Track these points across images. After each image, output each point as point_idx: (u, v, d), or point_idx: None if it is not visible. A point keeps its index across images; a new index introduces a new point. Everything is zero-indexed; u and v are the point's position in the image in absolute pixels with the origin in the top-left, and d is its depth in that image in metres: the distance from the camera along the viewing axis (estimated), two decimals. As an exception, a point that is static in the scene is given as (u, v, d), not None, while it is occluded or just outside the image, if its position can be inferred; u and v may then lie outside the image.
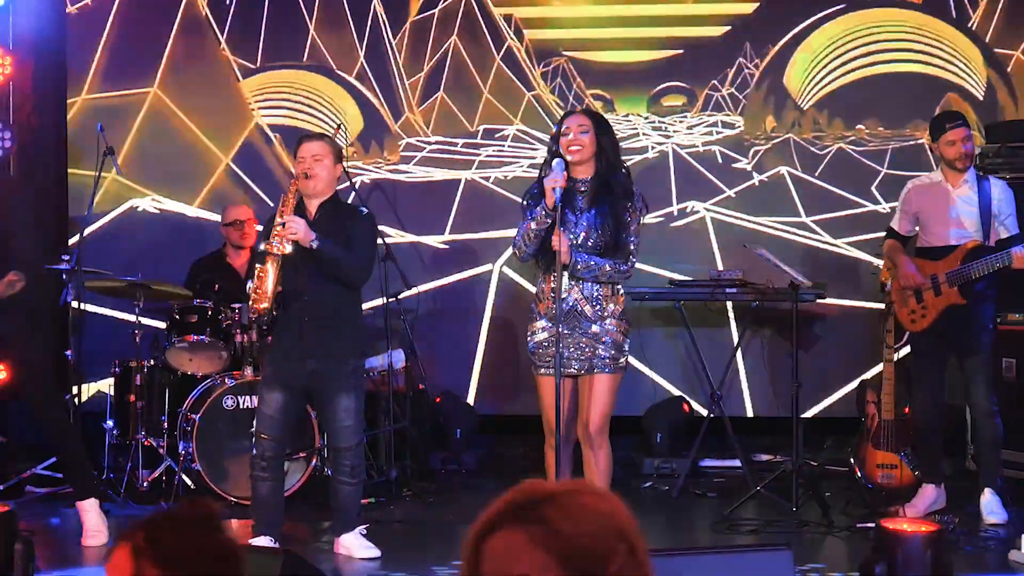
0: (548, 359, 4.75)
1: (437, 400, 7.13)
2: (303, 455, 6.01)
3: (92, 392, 7.11)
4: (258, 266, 4.91)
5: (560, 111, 7.50)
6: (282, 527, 5.17)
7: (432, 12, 7.66)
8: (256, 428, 5.11)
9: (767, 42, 7.48)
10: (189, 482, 6.25)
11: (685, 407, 7.06)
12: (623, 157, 5.06)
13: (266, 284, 4.86)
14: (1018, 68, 7.32)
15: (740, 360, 7.24)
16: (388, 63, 7.70)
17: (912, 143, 7.32)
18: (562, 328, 4.69)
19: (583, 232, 4.80)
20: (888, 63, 7.45)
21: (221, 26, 7.74)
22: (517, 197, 7.27)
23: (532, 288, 5.28)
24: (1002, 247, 5.56)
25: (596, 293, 4.82)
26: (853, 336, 7.25)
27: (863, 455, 6.08)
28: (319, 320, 5.02)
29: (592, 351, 4.80)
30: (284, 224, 4.85)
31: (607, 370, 4.80)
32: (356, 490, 5.17)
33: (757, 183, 7.49)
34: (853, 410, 6.40)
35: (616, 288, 4.88)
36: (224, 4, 7.71)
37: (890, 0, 7.48)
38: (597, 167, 4.87)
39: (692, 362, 6.95)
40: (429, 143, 7.65)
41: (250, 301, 4.92)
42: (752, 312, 6.64)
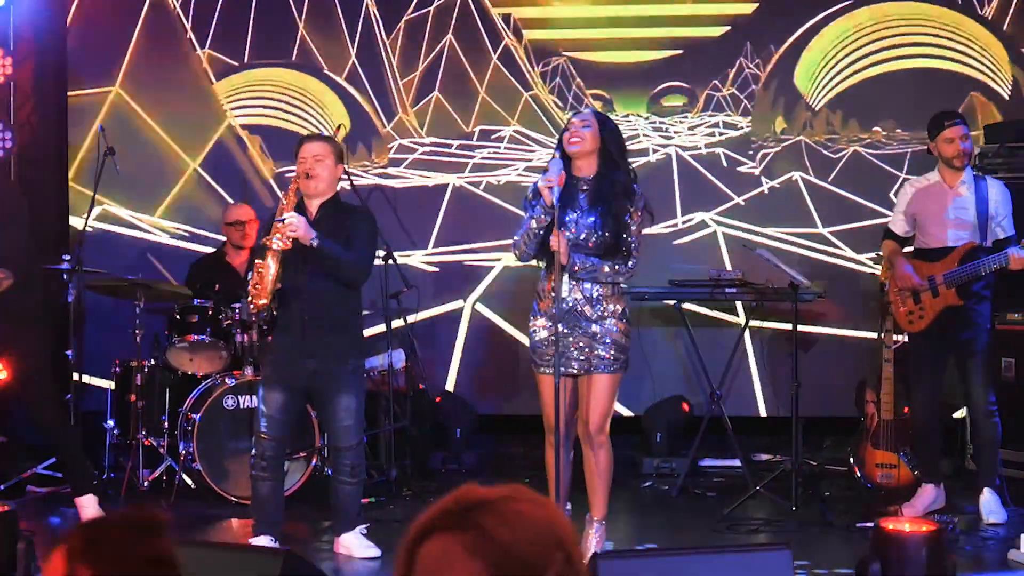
0: (548, 358, 4.75)
1: (437, 400, 7.13)
2: (303, 455, 6.02)
3: (92, 392, 7.11)
4: (258, 261, 4.91)
5: (559, 111, 7.49)
6: (282, 527, 5.17)
7: (427, 10, 7.57)
8: (256, 428, 5.12)
9: (768, 42, 7.41)
10: (190, 482, 6.26)
11: (685, 407, 7.06)
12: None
13: (266, 280, 4.86)
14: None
15: (752, 359, 7.21)
16: (381, 62, 7.57)
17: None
18: (562, 327, 4.69)
19: (584, 232, 4.77)
20: (906, 58, 7.20)
21: (203, 24, 7.54)
22: (508, 204, 7.30)
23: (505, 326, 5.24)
24: (999, 248, 5.57)
25: (597, 293, 4.81)
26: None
27: (862, 455, 6.09)
28: (319, 320, 5.02)
29: (592, 351, 4.79)
30: (284, 221, 4.86)
31: (607, 370, 4.80)
32: (356, 490, 5.17)
33: (767, 191, 7.33)
34: (852, 410, 6.40)
35: (617, 288, 4.87)
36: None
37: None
38: (600, 166, 4.86)
39: (692, 362, 6.96)
40: (423, 144, 7.53)
41: (249, 297, 4.92)
42: (757, 311, 6.63)
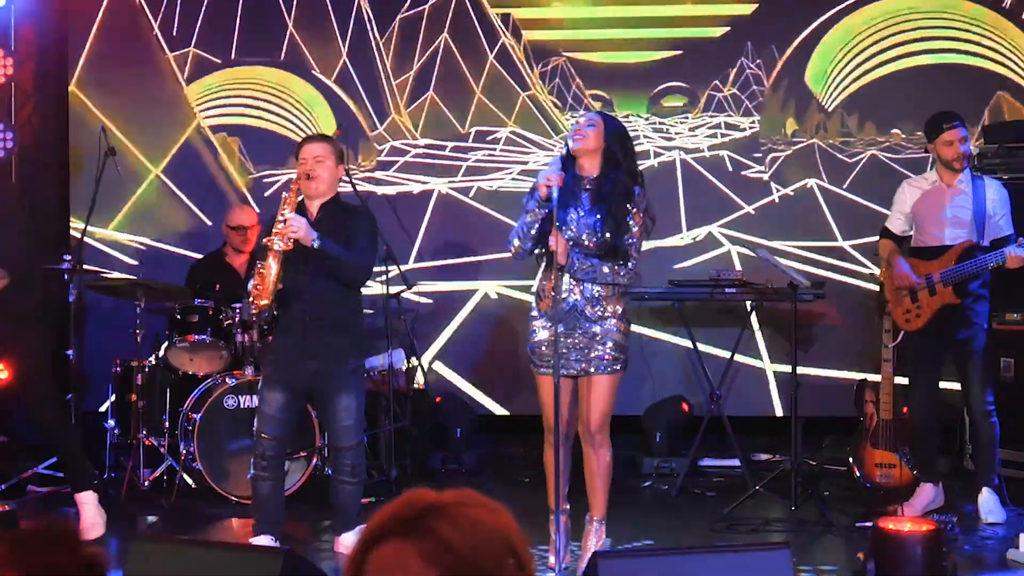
0: (548, 358, 4.74)
1: (437, 400, 7.14)
2: (303, 455, 6.03)
3: (93, 392, 7.12)
4: (259, 262, 4.92)
5: (557, 112, 7.47)
6: (282, 527, 5.18)
7: (422, 8, 7.48)
8: (257, 428, 5.12)
9: (769, 42, 7.35)
10: (190, 481, 6.26)
11: (685, 407, 7.07)
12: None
13: (267, 280, 4.86)
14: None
15: (766, 358, 7.18)
16: (374, 61, 7.46)
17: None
18: (562, 327, 4.70)
19: (584, 232, 4.75)
20: (926, 53, 6.99)
21: (189, 22, 7.43)
22: (497, 213, 7.25)
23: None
24: (996, 247, 5.58)
25: (597, 293, 4.81)
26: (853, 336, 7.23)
27: (862, 454, 6.09)
28: (320, 320, 5.03)
29: (592, 351, 4.78)
30: (285, 222, 4.87)
31: (607, 370, 4.78)
32: (356, 489, 5.18)
33: (778, 199, 7.19)
34: (852, 410, 6.41)
35: (617, 288, 4.86)
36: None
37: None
38: (603, 166, 4.84)
39: (692, 362, 6.96)
40: (417, 146, 7.43)
41: (250, 297, 4.93)
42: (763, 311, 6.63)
